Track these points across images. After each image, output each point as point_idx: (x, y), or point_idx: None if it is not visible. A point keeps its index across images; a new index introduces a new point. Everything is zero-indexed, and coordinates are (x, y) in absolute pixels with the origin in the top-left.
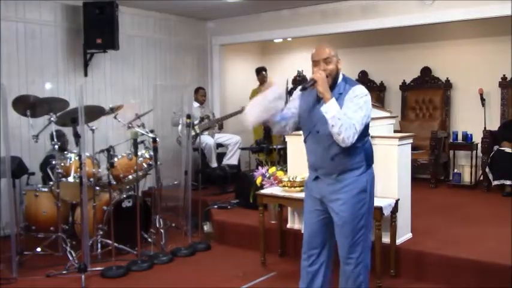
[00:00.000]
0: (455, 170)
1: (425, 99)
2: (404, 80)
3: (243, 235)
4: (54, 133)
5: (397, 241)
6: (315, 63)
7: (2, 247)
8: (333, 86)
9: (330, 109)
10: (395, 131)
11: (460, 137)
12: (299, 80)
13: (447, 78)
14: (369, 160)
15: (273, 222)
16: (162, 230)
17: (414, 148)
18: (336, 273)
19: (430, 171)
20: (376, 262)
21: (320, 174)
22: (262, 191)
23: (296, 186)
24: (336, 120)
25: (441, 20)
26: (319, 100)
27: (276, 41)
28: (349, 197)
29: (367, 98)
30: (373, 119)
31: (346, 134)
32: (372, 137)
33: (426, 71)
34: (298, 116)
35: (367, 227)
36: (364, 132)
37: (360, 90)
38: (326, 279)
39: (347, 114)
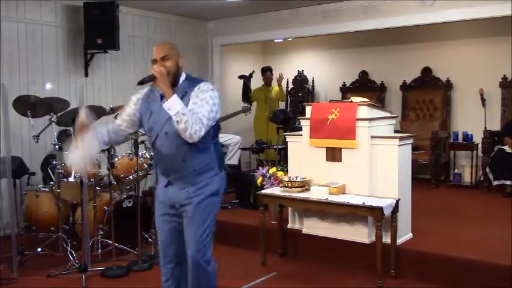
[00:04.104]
0: (456, 170)
1: (425, 99)
2: (404, 81)
3: (244, 235)
4: (56, 132)
5: (397, 241)
6: (154, 61)
7: (3, 247)
8: (174, 84)
9: (172, 105)
10: (395, 131)
11: (460, 137)
12: (299, 80)
13: (448, 78)
14: (221, 161)
15: (273, 222)
16: None
17: (415, 148)
18: None
19: (431, 172)
20: (377, 262)
21: (173, 179)
22: (263, 191)
23: (296, 187)
24: (181, 116)
25: (442, 20)
26: (162, 101)
27: (276, 41)
28: (201, 200)
29: (213, 93)
30: (373, 119)
31: (192, 129)
32: (373, 137)
33: (427, 71)
34: (139, 120)
35: (212, 230)
36: (215, 131)
37: (205, 85)
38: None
39: (193, 110)
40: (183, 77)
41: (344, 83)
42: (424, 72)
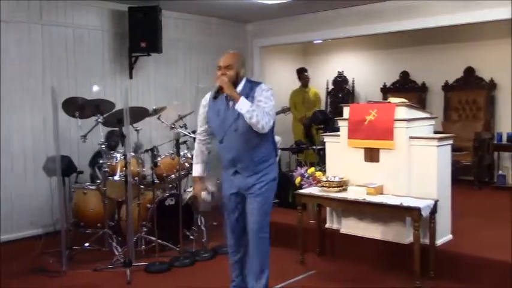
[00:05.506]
0: (500, 172)
1: (468, 99)
2: (446, 81)
3: (282, 234)
4: (102, 132)
5: (436, 242)
6: (218, 67)
7: (53, 242)
8: (235, 88)
9: (242, 105)
10: (438, 132)
11: (504, 138)
12: (339, 81)
13: (491, 78)
14: (276, 150)
15: (311, 221)
16: (203, 228)
17: (457, 149)
18: None
19: (474, 173)
20: (415, 263)
21: (239, 168)
22: (301, 191)
23: (334, 187)
24: (252, 112)
25: (485, 19)
26: (228, 103)
27: (315, 42)
28: (264, 185)
29: (271, 91)
30: (411, 120)
31: (263, 121)
32: (411, 137)
33: (469, 71)
34: (208, 125)
35: (269, 208)
36: (272, 126)
37: (264, 86)
38: (246, 264)
39: (260, 106)
40: (243, 81)
41: (384, 83)
42: (467, 72)
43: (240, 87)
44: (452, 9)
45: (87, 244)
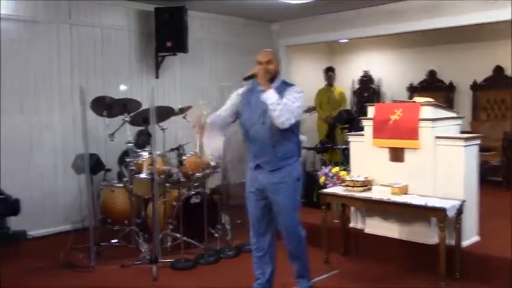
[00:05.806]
0: None
1: (497, 99)
2: (475, 80)
3: (307, 233)
4: (129, 131)
5: (463, 243)
6: (259, 63)
7: (82, 238)
8: (271, 83)
9: (269, 97)
10: (466, 132)
11: None
12: (365, 80)
13: None
14: (300, 150)
15: (336, 221)
16: (228, 226)
17: (486, 149)
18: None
19: (502, 173)
20: (440, 264)
21: (261, 162)
22: (325, 190)
23: (358, 186)
24: (276, 105)
25: (506, 18)
26: (260, 96)
27: (341, 41)
28: (288, 186)
29: (302, 94)
30: (437, 119)
31: (284, 117)
32: (437, 137)
33: (498, 70)
34: (237, 113)
35: (298, 206)
36: (298, 124)
37: (297, 88)
38: (273, 259)
39: (287, 103)
40: (279, 80)
41: (411, 82)
42: (495, 71)
43: (274, 85)
44: (470, 9)
45: (114, 240)
